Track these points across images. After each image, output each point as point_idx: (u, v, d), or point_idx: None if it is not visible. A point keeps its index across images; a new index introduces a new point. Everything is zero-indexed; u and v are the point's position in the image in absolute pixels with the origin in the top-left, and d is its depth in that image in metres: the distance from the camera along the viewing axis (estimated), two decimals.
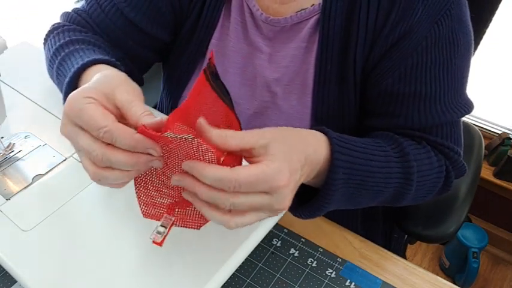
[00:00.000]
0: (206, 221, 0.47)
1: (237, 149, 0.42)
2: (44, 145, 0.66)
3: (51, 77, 0.67)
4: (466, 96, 0.67)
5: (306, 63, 0.66)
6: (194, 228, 0.47)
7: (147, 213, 0.48)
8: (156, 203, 0.48)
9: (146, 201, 0.47)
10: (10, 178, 0.61)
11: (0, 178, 0.61)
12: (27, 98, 0.74)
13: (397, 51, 0.61)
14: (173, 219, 0.47)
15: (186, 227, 0.48)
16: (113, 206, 0.57)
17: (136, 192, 0.47)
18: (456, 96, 0.64)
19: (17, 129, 0.68)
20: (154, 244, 0.45)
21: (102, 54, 0.60)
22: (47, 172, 0.61)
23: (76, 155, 0.63)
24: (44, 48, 0.71)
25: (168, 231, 0.46)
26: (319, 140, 0.53)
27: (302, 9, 0.64)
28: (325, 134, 0.54)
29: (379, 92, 0.64)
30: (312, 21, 0.64)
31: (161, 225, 0.46)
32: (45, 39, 0.71)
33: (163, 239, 0.45)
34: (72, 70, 0.57)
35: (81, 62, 0.57)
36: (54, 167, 0.62)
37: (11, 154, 0.64)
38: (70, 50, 0.63)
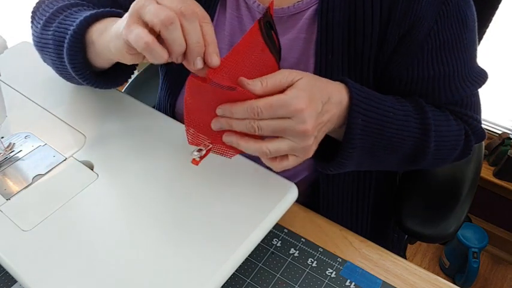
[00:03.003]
0: (238, 151, 0.54)
1: (272, 88, 0.49)
2: (44, 145, 0.66)
3: (40, 41, 0.66)
4: (478, 66, 0.69)
5: (305, 54, 0.66)
6: (228, 156, 0.55)
7: (192, 141, 0.55)
8: (199, 136, 0.55)
9: (193, 133, 0.54)
10: (10, 178, 0.61)
11: (0, 178, 0.61)
12: (27, 98, 0.74)
13: (410, 40, 0.62)
14: (211, 146, 0.54)
15: (220, 153, 0.55)
16: (113, 205, 0.58)
17: (186, 125, 0.54)
18: (471, 68, 0.66)
19: (17, 129, 0.68)
20: (192, 163, 0.53)
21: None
22: (47, 172, 0.61)
23: (76, 155, 0.63)
24: (33, 22, 0.70)
25: (206, 154, 0.54)
26: (340, 88, 0.57)
27: (299, 1, 0.64)
28: (345, 83, 0.58)
29: (400, 79, 0.65)
30: (309, 11, 0.64)
31: (199, 149, 0.54)
32: (33, 11, 0.70)
33: (200, 160, 0.53)
34: (84, 16, 0.59)
35: (93, 12, 0.59)
36: (54, 167, 0.62)
37: (11, 154, 0.64)
38: (72, 10, 0.64)
